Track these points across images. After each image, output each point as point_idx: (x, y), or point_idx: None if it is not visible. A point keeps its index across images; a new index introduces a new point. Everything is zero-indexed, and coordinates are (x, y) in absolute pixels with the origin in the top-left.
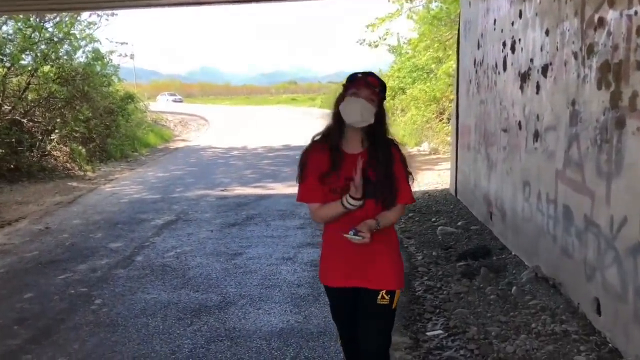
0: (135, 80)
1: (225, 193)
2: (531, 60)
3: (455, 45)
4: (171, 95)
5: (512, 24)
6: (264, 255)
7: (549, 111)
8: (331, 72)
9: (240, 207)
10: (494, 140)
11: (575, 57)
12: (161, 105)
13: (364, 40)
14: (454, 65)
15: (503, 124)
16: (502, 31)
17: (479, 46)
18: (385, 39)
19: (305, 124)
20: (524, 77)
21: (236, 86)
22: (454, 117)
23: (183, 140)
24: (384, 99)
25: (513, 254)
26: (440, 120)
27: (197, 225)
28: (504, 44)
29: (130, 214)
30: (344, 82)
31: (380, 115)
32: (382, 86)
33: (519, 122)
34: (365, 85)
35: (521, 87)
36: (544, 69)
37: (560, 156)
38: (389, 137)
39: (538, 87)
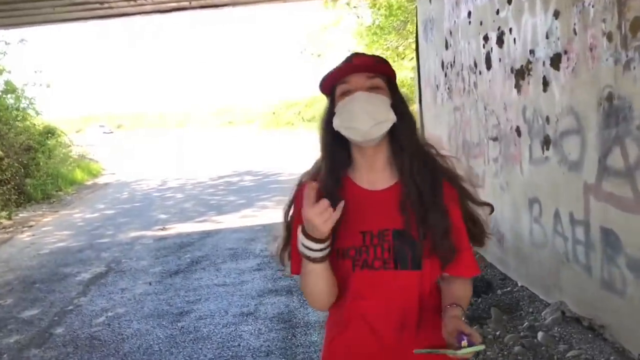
0: (66, 114)
1: (163, 232)
2: (531, 51)
3: (408, 52)
4: (101, 126)
5: (497, 12)
6: (218, 311)
7: (566, 111)
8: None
9: (183, 249)
10: (479, 151)
11: (610, 39)
12: (90, 137)
13: (305, 49)
14: (411, 74)
15: (491, 131)
16: (481, 24)
17: (447, 46)
18: (320, 56)
19: (244, 146)
20: (520, 73)
21: (170, 113)
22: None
23: (113, 174)
24: (395, 84)
25: (520, 285)
26: None
27: (132, 277)
28: (486, 38)
29: (51, 269)
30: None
31: (402, 107)
32: (382, 63)
33: (517, 127)
34: (354, 71)
35: (517, 86)
36: (554, 60)
37: (591, 166)
38: (429, 151)
39: (545, 83)
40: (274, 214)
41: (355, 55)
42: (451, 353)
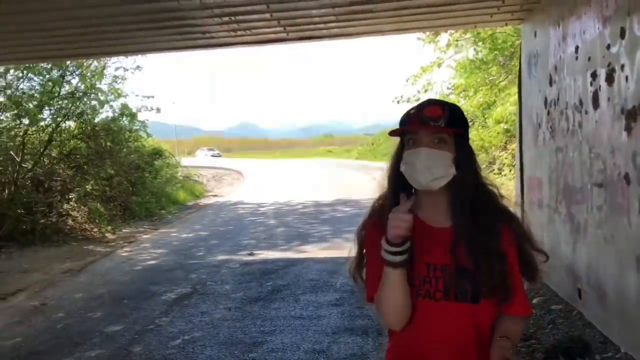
0: (176, 137)
1: (250, 258)
2: None
3: (509, 87)
4: (210, 150)
5: (608, 47)
6: (290, 346)
7: None
8: (368, 125)
9: (266, 276)
10: (581, 197)
11: None
12: (200, 160)
13: (401, 97)
14: (510, 109)
15: (596, 177)
16: (589, 59)
17: (551, 82)
18: (426, 91)
19: (342, 175)
20: (631, 114)
21: (274, 140)
22: (517, 168)
23: (215, 195)
24: (466, 134)
25: (623, 351)
26: (491, 171)
27: (214, 301)
28: (594, 75)
29: (141, 286)
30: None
31: (461, 159)
32: (453, 116)
33: (626, 174)
34: (421, 124)
35: (627, 128)
36: None
37: None
38: (489, 196)
39: None
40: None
41: (428, 104)
42: None
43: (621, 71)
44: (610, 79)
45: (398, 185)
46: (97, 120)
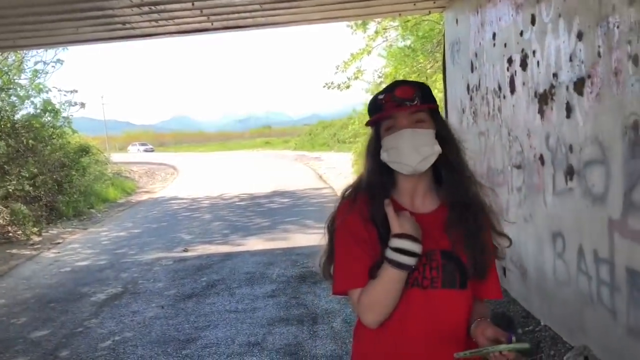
0: (107, 132)
1: (184, 254)
2: (554, 75)
3: (437, 74)
4: (142, 145)
5: (521, 34)
6: (224, 340)
7: (589, 139)
8: (306, 115)
9: (201, 272)
10: (502, 179)
11: (635, 62)
12: (132, 155)
13: (332, 83)
14: (438, 96)
15: (515, 159)
16: (505, 45)
17: (472, 68)
18: (357, 78)
19: (279, 167)
20: (543, 98)
21: (209, 133)
22: None
23: (147, 192)
24: (436, 108)
25: (543, 324)
26: None
27: (146, 300)
28: (510, 61)
29: (70, 288)
30: (367, 115)
31: (444, 133)
32: (425, 93)
33: (541, 155)
34: (398, 106)
35: (540, 111)
36: (578, 85)
37: (616, 201)
38: (472, 172)
39: (569, 108)
40: (296, 238)
41: (398, 85)
42: (503, 347)
43: (533, 57)
44: (524, 65)
45: (380, 177)
46: (17, 117)
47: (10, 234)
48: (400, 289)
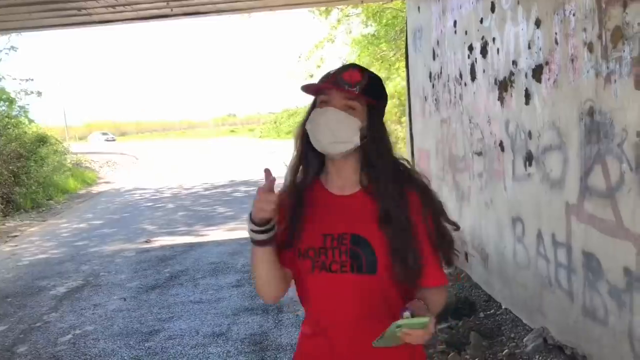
0: (66, 122)
1: (147, 245)
2: (513, 62)
3: (400, 62)
4: (103, 134)
5: (481, 21)
6: (188, 331)
7: (547, 125)
8: (271, 103)
9: (164, 263)
10: (464, 165)
11: (590, 50)
12: (93, 145)
13: (295, 72)
14: (402, 83)
15: (476, 145)
16: (466, 33)
17: (434, 56)
18: (319, 67)
19: (244, 155)
20: (503, 85)
21: (173, 121)
22: (408, 141)
23: (108, 182)
24: (381, 105)
25: (504, 307)
26: None
27: (108, 292)
28: (471, 48)
29: (27, 282)
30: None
31: (375, 132)
32: (372, 84)
33: (501, 142)
34: (335, 85)
35: (500, 98)
36: (536, 72)
37: (572, 185)
38: (401, 167)
39: (528, 95)
40: None
41: (349, 68)
42: (399, 323)
43: (493, 44)
44: (484, 52)
45: (305, 144)
46: None
47: None
48: (271, 267)
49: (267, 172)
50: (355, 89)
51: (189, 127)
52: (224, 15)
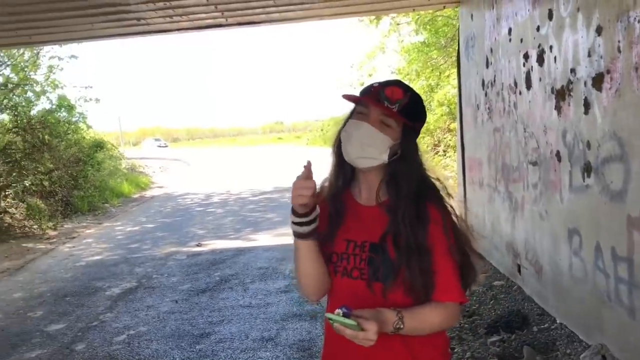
0: (120, 128)
1: (198, 249)
2: (572, 70)
3: (451, 69)
4: (156, 140)
5: (538, 28)
6: (238, 335)
7: (608, 135)
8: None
9: (215, 266)
10: (518, 175)
11: None
12: (146, 150)
13: (344, 81)
14: (452, 91)
15: (531, 155)
16: (521, 41)
17: (487, 64)
18: (371, 75)
19: (292, 162)
20: (560, 93)
21: (222, 128)
22: (458, 149)
23: (161, 187)
24: (417, 126)
25: (559, 322)
26: (436, 153)
27: (160, 294)
28: (526, 56)
29: (84, 282)
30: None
31: (406, 151)
32: (412, 104)
33: (557, 152)
34: (376, 101)
35: (557, 107)
36: (596, 80)
37: (635, 198)
38: (426, 185)
39: (587, 104)
40: None
41: (393, 84)
42: (329, 316)
43: (550, 52)
44: (540, 60)
45: (342, 161)
46: (33, 112)
47: (27, 229)
48: (315, 262)
49: (308, 163)
50: (395, 106)
51: (238, 134)
52: (275, 25)
